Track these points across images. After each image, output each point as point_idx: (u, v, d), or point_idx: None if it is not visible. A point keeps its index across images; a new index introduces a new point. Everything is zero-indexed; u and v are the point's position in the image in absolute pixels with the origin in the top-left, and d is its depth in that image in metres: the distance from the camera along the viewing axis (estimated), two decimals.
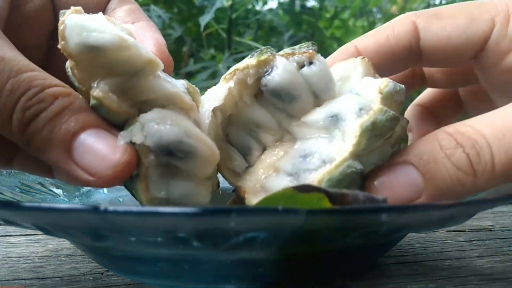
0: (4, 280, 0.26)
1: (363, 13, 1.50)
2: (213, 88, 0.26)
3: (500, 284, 0.25)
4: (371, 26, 1.46)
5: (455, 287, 0.25)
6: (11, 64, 0.19)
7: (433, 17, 0.28)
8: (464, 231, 0.37)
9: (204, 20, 1.10)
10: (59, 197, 0.34)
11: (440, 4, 1.46)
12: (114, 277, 0.26)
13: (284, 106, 0.24)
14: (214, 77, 1.17)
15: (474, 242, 0.34)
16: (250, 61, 0.24)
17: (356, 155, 0.21)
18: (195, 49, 1.37)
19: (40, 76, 0.19)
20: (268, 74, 0.24)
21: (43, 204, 0.18)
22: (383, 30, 0.29)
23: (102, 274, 0.27)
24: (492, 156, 0.20)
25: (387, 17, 1.56)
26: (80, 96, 0.21)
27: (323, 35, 1.33)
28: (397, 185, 0.21)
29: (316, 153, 0.23)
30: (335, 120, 0.23)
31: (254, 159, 0.26)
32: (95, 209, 0.16)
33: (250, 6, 1.39)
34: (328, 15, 1.44)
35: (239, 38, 1.34)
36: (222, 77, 0.25)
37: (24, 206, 0.19)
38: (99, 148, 0.19)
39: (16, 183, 0.32)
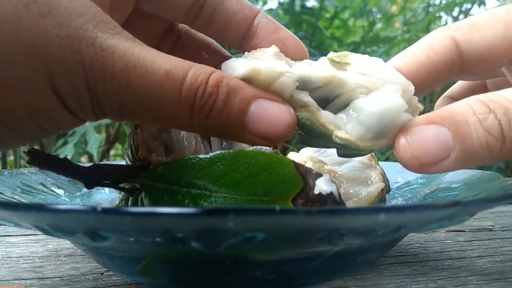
0: (4, 280, 0.26)
1: (363, 13, 1.50)
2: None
3: (500, 284, 0.25)
4: (371, 26, 1.46)
5: (455, 287, 0.25)
6: (174, 73, 0.20)
7: (471, 28, 0.28)
8: (464, 231, 0.37)
9: None
10: (61, 197, 0.34)
11: (440, 4, 1.46)
12: (114, 277, 0.26)
13: None
14: None
15: (474, 242, 0.34)
16: None
17: None
18: None
19: (196, 70, 0.21)
20: None
21: (42, 205, 0.18)
22: (421, 48, 0.29)
23: (102, 274, 0.27)
24: None
25: (387, 17, 1.56)
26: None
27: (323, 35, 1.33)
28: (427, 143, 0.22)
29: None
30: None
31: None
32: (93, 210, 0.16)
33: None
34: (328, 15, 1.43)
35: None
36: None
37: (24, 206, 0.19)
38: (269, 116, 0.21)
39: (18, 184, 0.32)
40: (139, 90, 0.19)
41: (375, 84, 0.23)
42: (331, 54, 0.25)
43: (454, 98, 0.37)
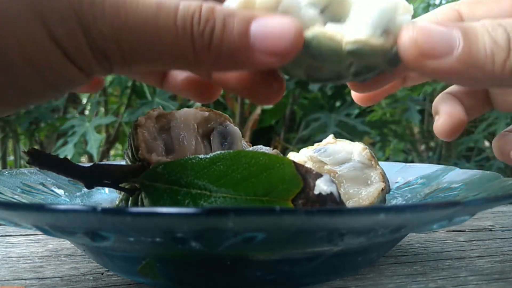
0: (4, 280, 0.26)
1: None
2: None
3: (500, 284, 0.25)
4: None
5: (455, 287, 0.25)
6: (165, 4, 0.19)
7: (476, 3, 0.28)
8: (464, 231, 0.37)
9: None
10: (61, 197, 0.34)
11: (440, 4, 1.46)
12: (114, 277, 0.26)
13: None
14: None
15: (474, 242, 0.34)
16: None
17: None
18: None
19: (187, 2, 0.20)
20: None
21: (42, 205, 0.18)
22: (425, 18, 0.29)
23: (102, 274, 0.27)
24: None
25: None
26: None
27: None
28: (434, 32, 0.21)
29: None
30: None
31: None
32: (93, 210, 0.16)
33: None
34: None
35: None
36: None
37: (24, 206, 0.19)
38: (273, 29, 0.20)
39: (18, 184, 0.32)
40: (134, 25, 0.19)
41: None
42: None
43: (454, 95, 0.36)
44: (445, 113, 0.34)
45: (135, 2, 0.19)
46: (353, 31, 0.21)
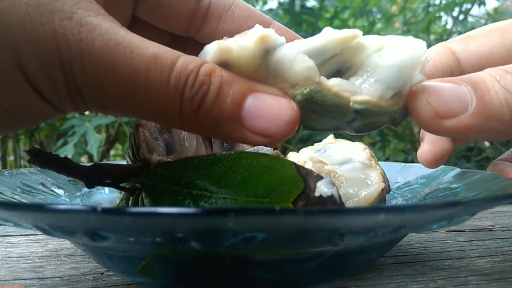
0: (4, 280, 0.26)
1: (363, 13, 1.49)
2: None
3: (500, 284, 0.25)
4: (371, 26, 1.45)
5: (455, 287, 0.25)
6: (163, 57, 0.18)
7: (466, 38, 0.29)
8: (464, 231, 0.37)
9: None
10: (61, 197, 0.34)
11: (440, 4, 1.46)
12: (114, 277, 0.26)
13: None
14: None
15: (474, 242, 0.34)
16: None
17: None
18: None
19: (187, 58, 0.19)
20: None
21: (42, 205, 0.18)
22: None
23: (102, 274, 0.27)
24: None
25: (387, 17, 1.55)
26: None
27: None
28: (445, 94, 0.21)
29: None
30: None
31: None
32: (93, 210, 0.16)
33: None
34: (328, 15, 1.43)
35: None
36: None
37: (24, 206, 0.19)
38: (268, 110, 0.19)
39: (18, 184, 0.32)
40: (122, 73, 0.17)
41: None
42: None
43: None
44: (429, 141, 0.33)
45: (129, 48, 0.17)
46: (364, 90, 0.20)
